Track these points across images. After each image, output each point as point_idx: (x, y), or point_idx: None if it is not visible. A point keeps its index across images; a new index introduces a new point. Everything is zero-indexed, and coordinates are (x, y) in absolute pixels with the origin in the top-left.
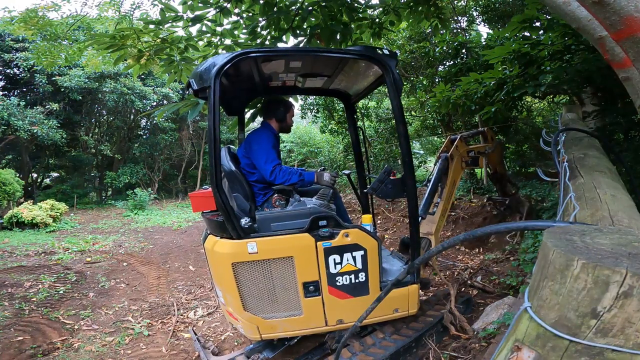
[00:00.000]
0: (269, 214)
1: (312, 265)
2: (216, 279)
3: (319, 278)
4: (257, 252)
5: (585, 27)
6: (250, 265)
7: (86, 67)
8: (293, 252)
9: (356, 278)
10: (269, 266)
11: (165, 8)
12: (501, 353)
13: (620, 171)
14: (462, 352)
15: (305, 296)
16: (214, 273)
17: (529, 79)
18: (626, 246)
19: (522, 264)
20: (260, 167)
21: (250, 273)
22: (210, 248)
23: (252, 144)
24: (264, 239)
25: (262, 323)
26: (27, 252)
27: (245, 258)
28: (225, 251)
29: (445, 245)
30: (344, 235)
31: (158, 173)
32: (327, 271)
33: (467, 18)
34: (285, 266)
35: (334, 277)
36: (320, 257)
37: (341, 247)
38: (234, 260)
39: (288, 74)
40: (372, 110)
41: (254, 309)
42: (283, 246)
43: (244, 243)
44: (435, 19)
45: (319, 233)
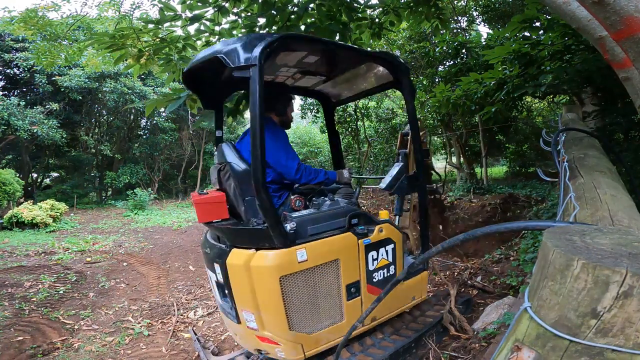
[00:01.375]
0: (307, 216)
1: (355, 265)
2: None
3: (359, 277)
4: (306, 260)
5: (585, 27)
6: (299, 276)
7: (86, 67)
8: (339, 254)
9: (388, 272)
10: (316, 273)
11: (165, 7)
12: (501, 353)
13: (620, 171)
14: (462, 352)
15: (347, 299)
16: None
17: (529, 79)
18: (626, 246)
19: (522, 264)
20: (281, 166)
21: (298, 285)
22: (241, 263)
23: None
24: (313, 244)
25: (306, 340)
26: (27, 252)
27: (294, 268)
28: (271, 264)
29: (445, 245)
30: (379, 230)
31: (158, 173)
32: (366, 269)
33: (467, 18)
34: (331, 271)
35: (371, 274)
36: (362, 255)
37: (378, 242)
38: (283, 273)
39: (292, 68)
40: (372, 110)
41: (299, 326)
42: (331, 249)
43: (293, 251)
44: (435, 19)
45: (357, 231)
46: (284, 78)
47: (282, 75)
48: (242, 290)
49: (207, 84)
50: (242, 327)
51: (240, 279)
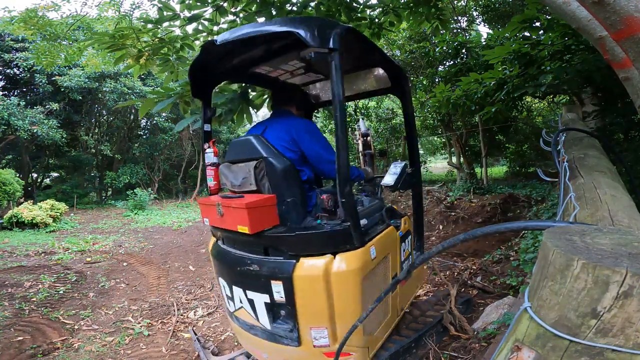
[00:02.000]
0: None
1: (396, 258)
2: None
3: (397, 269)
4: (375, 257)
5: (585, 27)
6: (371, 275)
7: (86, 67)
8: (390, 248)
9: (408, 262)
10: (378, 270)
11: (163, 7)
12: (501, 353)
13: (620, 171)
14: (462, 352)
15: (392, 292)
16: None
17: (529, 79)
18: (626, 246)
19: (522, 264)
20: (324, 162)
21: (370, 284)
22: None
23: (304, 133)
24: (377, 240)
25: (372, 342)
26: (27, 252)
27: (370, 267)
28: (356, 266)
29: (446, 245)
30: (404, 222)
31: (158, 173)
32: (400, 260)
33: (467, 18)
34: (385, 265)
35: (402, 265)
36: (399, 247)
37: (405, 234)
38: (364, 274)
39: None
40: (372, 110)
41: (369, 329)
42: (385, 243)
43: (368, 249)
44: (435, 20)
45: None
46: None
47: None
48: (314, 304)
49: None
50: (305, 349)
51: (314, 291)
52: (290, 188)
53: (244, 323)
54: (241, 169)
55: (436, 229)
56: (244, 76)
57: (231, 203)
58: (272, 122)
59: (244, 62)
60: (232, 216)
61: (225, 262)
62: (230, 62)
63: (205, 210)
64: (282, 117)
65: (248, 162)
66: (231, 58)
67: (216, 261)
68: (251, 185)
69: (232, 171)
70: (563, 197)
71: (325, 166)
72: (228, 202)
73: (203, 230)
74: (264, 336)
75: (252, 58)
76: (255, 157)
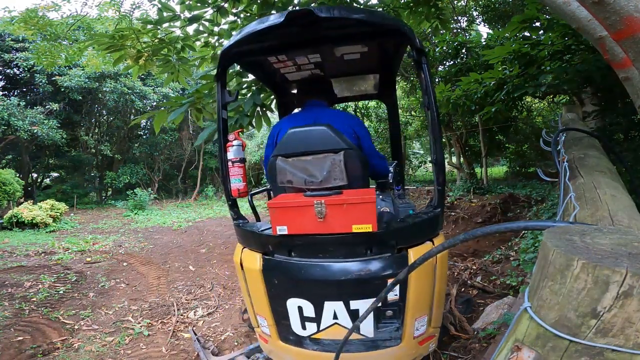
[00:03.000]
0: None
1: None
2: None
3: None
4: None
5: (585, 27)
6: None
7: (86, 67)
8: None
9: None
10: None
11: (163, 7)
12: (501, 353)
13: (620, 171)
14: (462, 352)
15: None
16: (424, 295)
17: (529, 79)
18: (626, 246)
19: (522, 264)
20: (375, 156)
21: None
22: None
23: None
24: None
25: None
26: (27, 252)
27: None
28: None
29: (446, 245)
30: None
31: (158, 173)
32: None
33: (467, 18)
34: None
35: None
36: None
37: None
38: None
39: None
40: (372, 110)
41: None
42: None
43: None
44: (435, 19)
45: None
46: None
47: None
48: (423, 293)
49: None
50: (405, 344)
51: (425, 280)
52: (364, 182)
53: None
54: (321, 161)
55: None
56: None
57: (344, 200)
58: (319, 114)
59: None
60: (344, 216)
61: (307, 277)
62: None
63: (285, 215)
64: (327, 110)
65: (325, 154)
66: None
67: (282, 279)
68: (337, 180)
69: (303, 165)
70: (563, 197)
71: (377, 160)
72: (334, 199)
73: (203, 230)
74: (360, 348)
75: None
76: (334, 149)
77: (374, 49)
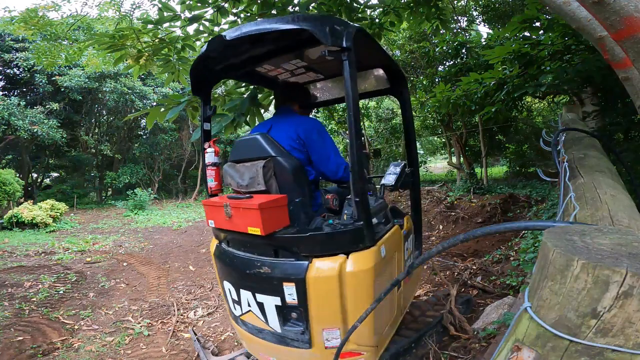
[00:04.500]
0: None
1: (401, 256)
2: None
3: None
4: (384, 256)
5: (585, 27)
6: (382, 274)
7: (86, 67)
8: (396, 247)
9: (410, 260)
10: (387, 269)
11: (163, 7)
12: (501, 353)
13: (620, 171)
14: (462, 352)
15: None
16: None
17: (529, 79)
18: (626, 246)
19: (522, 264)
20: (330, 163)
21: (381, 284)
22: (334, 274)
23: (312, 133)
24: (385, 239)
25: (381, 341)
26: (27, 252)
27: (382, 266)
28: (370, 265)
29: (446, 245)
30: (407, 221)
31: (158, 173)
32: (404, 259)
33: (467, 18)
34: (393, 264)
35: (405, 264)
36: (402, 245)
37: (407, 232)
38: (376, 273)
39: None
40: (372, 110)
41: (379, 328)
42: (392, 242)
43: (379, 248)
44: (436, 20)
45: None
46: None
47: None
48: (327, 305)
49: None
50: (316, 351)
51: (327, 292)
52: (299, 188)
53: (252, 327)
54: (248, 168)
55: (436, 229)
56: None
57: (241, 204)
58: (277, 121)
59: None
60: (242, 217)
61: (232, 265)
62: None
63: (211, 212)
64: (288, 116)
65: (255, 161)
66: (235, 55)
67: (220, 264)
68: (259, 185)
69: (238, 171)
70: (563, 197)
71: (331, 167)
72: (237, 202)
73: (203, 230)
74: (273, 340)
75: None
76: (263, 157)
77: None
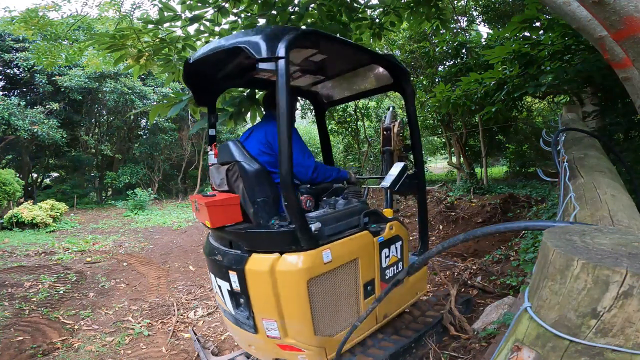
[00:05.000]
0: (327, 216)
1: (371, 263)
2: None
3: (375, 275)
4: (331, 261)
5: (585, 27)
6: (324, 278)
7: (86, 67)
8: (359, 253)
9: (397, 268)
10: (338, 274)
11: (164, 7)
12: (501, 353)
13: (620, 171)
14: (462, 352)
15: (364, 298)
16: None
17: (529, 79)
18: (626, 246)
19: (522, 264)
20: (297, 164)
21: (323, 287)
22: (265, 269)
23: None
24: (336, 244)
25: (329, 343)
26: (27, 252)
27: (321, 270)
28: (300, 267)
29: (446, 245)
30: (390, 228)
31: (158, 173)
32: (380, 266)
33: (467, 18)
34: (351, 270)
35: (384, 271)
36: (377, 253)
37: (389, 239)
38: (310, 276)
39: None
40: (372, 110)
41: (323, 330)
42: (351, 248)
43: (319, 252)
44: (436, 19)
45: (371, 229)
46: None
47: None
48: (263, 297)
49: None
50: (261, 337)
51: (262, 285)
52: (262, 189)
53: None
54: (220, 171)
55: (436, 229)
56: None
57: (201, 200)
58: (257, 127)
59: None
60: (201, 212)
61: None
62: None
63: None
64: (266, 122)
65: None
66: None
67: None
68: (225, 186)
69: (218, 172)
70: (563, 197)
71: (299, 168)
72: (200, 199)
73: (203, 230)
74: (232, 320)
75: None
76: (230, 161)
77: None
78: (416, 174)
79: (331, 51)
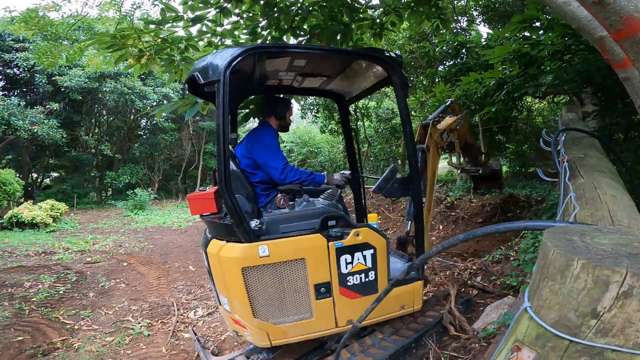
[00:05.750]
0: (278, 215)
1: (324, 267)
2: (221, 286)
3: (330, 279)
4: (268, 256)
5: (585, 27)
6: (261, 270)
7: (87, 67)
8: (305, 254)
9: (366, 277)
10: (280, 269)
11: (166, 8)
12: (501, 353)
13: (620, 171)
14: (462, 352)
15: (317, 298)
16: (219, 279)
17: (529, 79)
18: (626, 246)
19: (522, 264)
20: (267, 166)
21: (261, 277)
22: (215, 253)
23: (255, 143)
24: (276, 241)
25: (272, 329)
26: (27, 252)
27: (256, 262)
28: (235, 255)
29: (446, 245)
30: (355, 234)
31: (158, 173)
32: (338, 271)
33: (467, 18)
34: (296, 269)
35: (344, 277)
36: (332, 257)
37: (352, 246)
38: (244, 265)
39: (289, 72)
40: (372, 110)
41: (264, 315)
42: (295, 248)
43: (255, 246)
44: (436, 19)
45: (330, 233)
46: (289, 81)
47: (286, 79)
48: (218, 275)
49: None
50: (222, 309)
51: (215, 265)
52: (236, 187)
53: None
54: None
55: (436, 229)
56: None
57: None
58: (249, 133)
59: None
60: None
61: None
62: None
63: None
64: (256, 129)
65: None
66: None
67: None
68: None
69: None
70: (563, 197)
71: (269, 170)
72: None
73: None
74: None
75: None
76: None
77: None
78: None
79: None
